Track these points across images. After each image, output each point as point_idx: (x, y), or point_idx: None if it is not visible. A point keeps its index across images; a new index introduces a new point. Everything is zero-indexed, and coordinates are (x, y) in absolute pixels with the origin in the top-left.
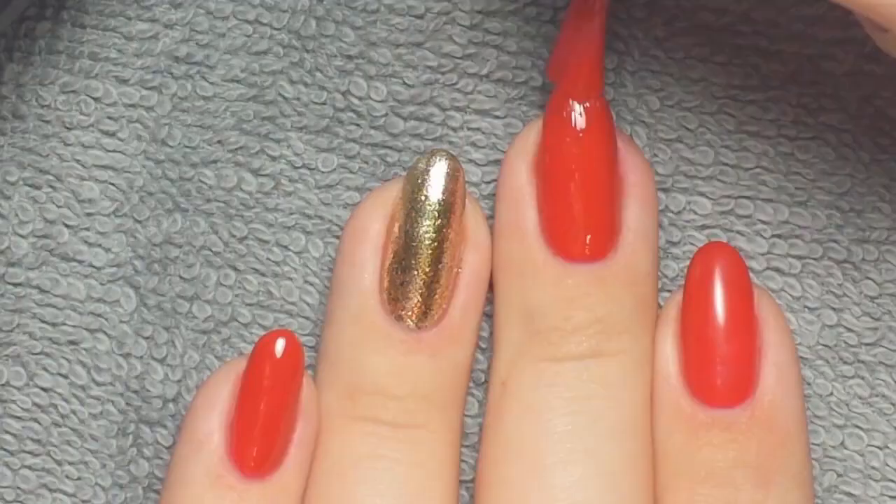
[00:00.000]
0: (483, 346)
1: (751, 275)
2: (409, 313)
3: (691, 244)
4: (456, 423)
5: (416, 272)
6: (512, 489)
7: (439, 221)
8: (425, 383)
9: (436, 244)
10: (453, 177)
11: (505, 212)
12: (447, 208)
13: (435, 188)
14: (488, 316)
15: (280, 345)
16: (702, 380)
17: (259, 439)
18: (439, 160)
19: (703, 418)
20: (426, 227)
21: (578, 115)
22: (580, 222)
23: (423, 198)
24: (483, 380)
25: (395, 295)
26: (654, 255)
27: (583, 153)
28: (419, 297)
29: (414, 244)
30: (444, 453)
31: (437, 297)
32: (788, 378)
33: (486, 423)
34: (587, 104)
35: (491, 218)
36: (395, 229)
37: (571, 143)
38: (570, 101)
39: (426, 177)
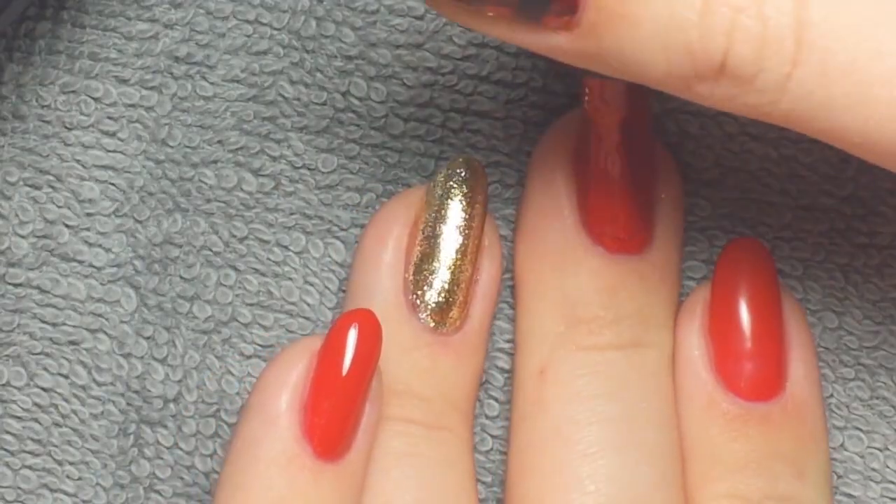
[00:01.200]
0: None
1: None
2: (434, 318)
3: (693, 246)
4: (472, 426)
5: (440, 278)
6: (560, 474)
7: (465, 230)
8: (451, 387)
9: (461, 252)
10: (479, 185)
11: (540, 202)
12: (472, 217)
13: (459, 196)
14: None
15: (362, 324)
16: (735, 373)
17: (337, 420)
18: (465, 168)
19: (738, 411)
20: (452, 235)
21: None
22: (625, 216)
23: (448, 205)
24: (482, 379)
25: (419, 299)
26: (681, 251)
27: (627, 149)
28: (443, 302)
29: (439, 251)
30: (468, 455)
31: (460, 303)
32: (813, 372)
33: (521, 412)
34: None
35: (499, 218)
36: (420, 235)
37: (617, 137)
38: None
39: (451, 185)
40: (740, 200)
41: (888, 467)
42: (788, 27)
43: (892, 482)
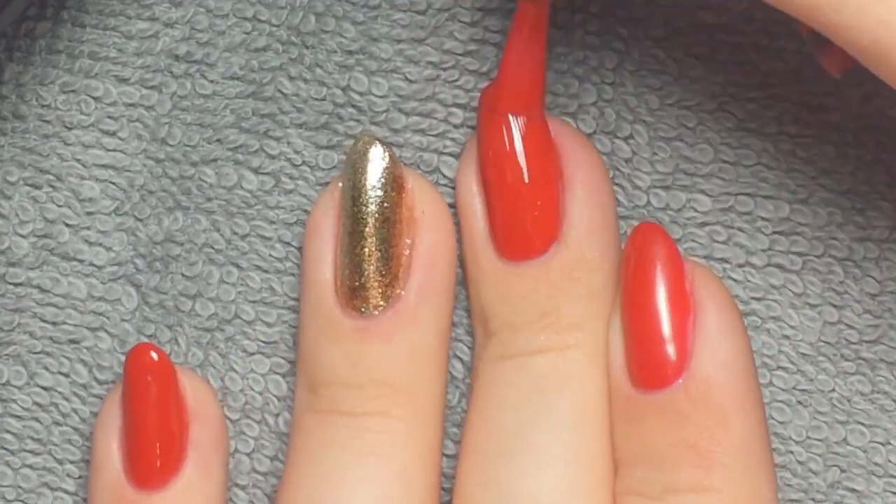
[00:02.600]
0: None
1: (681, 251)
2: (361, 301)
3: (693, 241)
4: (427, 406)
5: (361, 258)
6: (466, 485)
7: (377, 206)
8: (382, 370)
9: (377, 228)
10: (384, 158)
11: (460, 221)
12: (383, 191)
13: (366, 172)
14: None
15: (144, 357)
16: (634, 363)
17: (144, 451)
18: (369, 145)
19: (640, 401)
20: (364, 213)
21: (513, 130)
22: (518, 221)
23: (357, 183)
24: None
25: (346, 283)
26: (605, 245)
27: (515, 152)
28: (367, 281)
29: (356, 231)
30: (409, 438)
31: (387, 280)
32: (724, 352)
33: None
34: (523, 120)
35: None
36: (341, 221)
37: (503, 143)
38: (507, 117)
39: (355, 163)
40: (738, 195)
41: (890, 461)
42: None
43: (895, 476)
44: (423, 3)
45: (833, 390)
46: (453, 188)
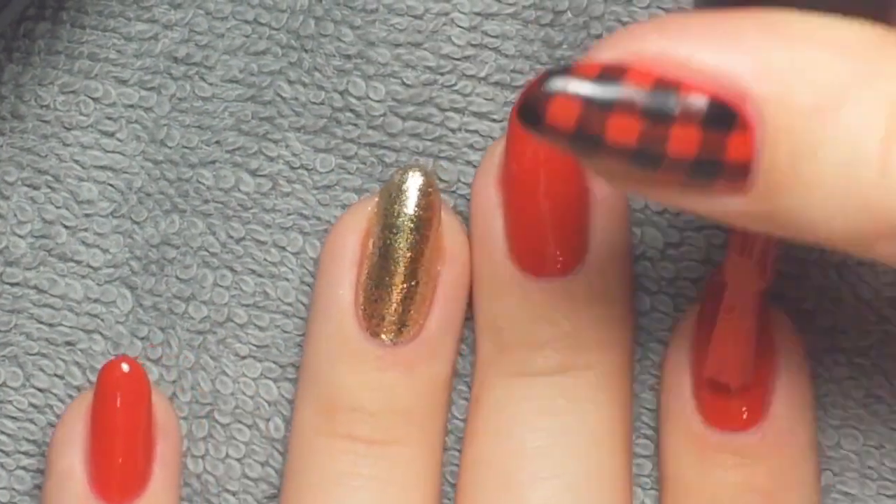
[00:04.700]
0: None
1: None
2: (385, 329)
3: (690, 245)
4: (435, 436)
5: (390, 288)
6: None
7: (413, 237)
8: (401, 399)
9: (410, 259)
10: (427, 192)
11: (475, 229)
12: (421, 223)
13: (409, 203)
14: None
15: (122, 370)
16: (712, 401)
17: (118, 466)
18: (413, 175)
19: (714, 441)
20: (400, 243)
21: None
22: (545, 238)
23: (396, 213)
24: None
25: (370, 311)
26: (624, 267)
27: (546, 168)
28: (394, 312)
29: (388, 260)
30: (421, 467)
31: (412, 312)
32: (801, 401)
33: (463, 438)
34: None
35: None
36: (370, 245)
37: (534, 156)
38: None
39: (400, 192)
40: None
41: (884, 464)
42: None
43: (888, 479)
44: (421, 8)
45: (826, 395)
46: (451, 192)
